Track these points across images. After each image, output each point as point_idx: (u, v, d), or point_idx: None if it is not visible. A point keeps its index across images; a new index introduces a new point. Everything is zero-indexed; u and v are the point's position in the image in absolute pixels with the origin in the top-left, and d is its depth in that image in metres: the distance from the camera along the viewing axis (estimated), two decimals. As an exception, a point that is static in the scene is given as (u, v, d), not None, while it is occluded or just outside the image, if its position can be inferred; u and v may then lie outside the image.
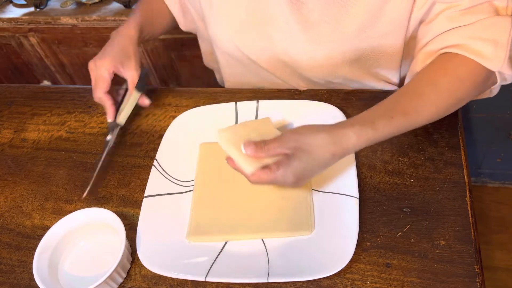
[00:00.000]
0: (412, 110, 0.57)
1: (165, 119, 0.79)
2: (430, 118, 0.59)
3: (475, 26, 0.58)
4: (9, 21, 1.40)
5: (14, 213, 0.70)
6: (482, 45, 0.57)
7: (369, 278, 0.55)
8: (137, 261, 0.60)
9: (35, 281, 0.56)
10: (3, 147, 0.81)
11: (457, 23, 0.59)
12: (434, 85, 0.58)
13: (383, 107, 0.58)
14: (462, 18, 0.59)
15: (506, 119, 1.31)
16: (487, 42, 0.57)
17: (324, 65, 0.73)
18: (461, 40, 0.59)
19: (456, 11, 0.59)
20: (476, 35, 0.58)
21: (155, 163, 0.69)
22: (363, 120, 0.56)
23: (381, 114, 0.56)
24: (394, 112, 0.57)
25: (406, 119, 0.57)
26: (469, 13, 0.58)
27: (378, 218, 0.60)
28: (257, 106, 0.74)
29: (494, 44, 0.57)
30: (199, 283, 0.57)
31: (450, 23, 0.60)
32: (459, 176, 0.62)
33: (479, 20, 0.58)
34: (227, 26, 0.75)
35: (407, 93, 0.59)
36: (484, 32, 0.58)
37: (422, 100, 0.58)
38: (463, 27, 0.59)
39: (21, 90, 0.92)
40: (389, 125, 0.56)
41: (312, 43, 0.70)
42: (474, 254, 0.55)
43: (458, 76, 0.59)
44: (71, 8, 1.38)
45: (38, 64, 1.55)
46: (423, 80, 0.60)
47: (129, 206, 0.68)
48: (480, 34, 0.58)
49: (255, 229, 0.61)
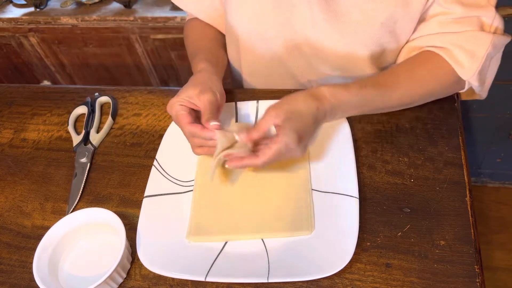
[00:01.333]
0: (384, 86, 0.64)
1: (165, 119, 0.79)
2: (399, 101, 0.66)
3: (460, 35, 0.64)
4: (9, 21, 1.40)
5: (14, 213, 0.70)
6: (461, 54, 0.64)
7: (369, 278, 0.55)
8: (137, 261, 0.60)
9: (35, 281, 0.55)
10: (3, 147, 0.81)
11: (446, 29, 0.65)
12: (410, 72, 0.66)
13: (359, 79, 0.65)
14: (451, 26, 0.65)
15: (506, 119, 1.31)
16: (466, 52, 0.64)
17: (345, 57, 0.73)
18: (445, 44, 0.65)
19: (447, 19, 0.65)
20: (459, 43, 0.64)
21: (155, 163, 0.69)
22: (337, 84, 0.62)
23: (355, 82, 0.63)
24: (367, 82, 0.64)
25: (377, 91, 0.63)
26: (458, 22, 0.64)
27: (378, 218, 0.60)
28: (257, 106, 0.74)
29: (471, 55, 0.64)
30: (199, 283, 0.57)
31: (439, 27, 0.66)
32: (459, 176, 0.62)
33: (465, 31, 0.64)
34: (248, 13, 0.74)
35: (385, 73, 0.66)
36: (466, 42, 0.64)
37: (395, 81, 0.65)
38: (449, 33, 0.65)
39: (21, 90, 0.92)
40: (361, 91, 0.62)
41: (337, 34, 0.70)
42: (474, 254, 0.55)
43: (433, 72, 0.66)
44: (71, 8, 1.38)
45: (38, 64, 1.55)
46: (401, 67, 0.67)
47: (129, 206, 0.68)
48: (462, 44, 0.64)
49: (255, 229, 0.61)
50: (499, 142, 1.40)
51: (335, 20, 0.68)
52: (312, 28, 0.71)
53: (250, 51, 0.79)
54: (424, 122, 0.70)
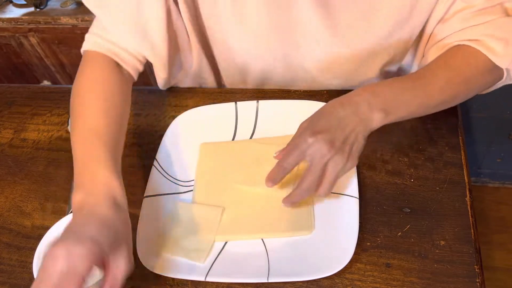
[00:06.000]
0: (423, 78, 0.60)
1: (165, 119, 0.79)
2: (441, 94, 0.60)
3: (488, 25, 0.60)
4: (9, 21, 1.40)
5: (14, 213, 0.70)
6: (494, 42, 0.59)
7: (369, 278, 0.55)
8: (137, 261, 0.60)
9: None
10: (3, 147, 0.81)
11: (471, 23, 0.61)
12: (444, 64, 0.61)
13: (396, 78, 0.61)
14: (475, 18, 0.61)
15: (506, 119, 1.31)
16: (498, 40, 0.59)
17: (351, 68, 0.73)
18: (476, 36, 0.61)
19: (470, 12, 0.61)
20: (489, 32, 0.60)
21: (155, 163, 0.69)
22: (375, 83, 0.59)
23: (395, 78, 0.60)
24: (407, 77, 0.60)
25: (420, 83, 0.59)
26: (482, 14, 0.61)
27: (378, 218, 0.60)
28: (257, 106, 0.74)
29: (505, 42, 0.59)
30: (199, 283, 0.57)
31: (463, 23, 0.62)
32: (459, 176, 0.62)
33: (492, 19, 0.60)
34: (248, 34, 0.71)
35: (418, 71, 0.62)
36: (496, 30, 0.60)
37: (433, 74, 0.60)
38: (476, 25, 0.61)
39: (21, 90, 0.92)
40: (404, 84, 0.58)
41: (343, 48, 0.69)
42: (474, 254, 0.55)
43: (468, 62, 0.61)
44: (71, 8, 1.38)
45: (38, 64, 1.55)
46: (433, 62, 0.62)
47: (129, 206, 0.67)
48: (493, 32, 0.60)
49: (255, 229, 0.61)
50: (499, 142, 1.40)
51: (342, 36, 0.67)
52: (316, 43, 0.69)
53: (245, 66, 0.78)
54: (424, 122, 0.70)
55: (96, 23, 0.69)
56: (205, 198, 0.66)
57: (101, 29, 0.67)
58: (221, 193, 0.66)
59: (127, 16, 0.65)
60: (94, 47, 0.67)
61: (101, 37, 0.67)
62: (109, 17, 0.65)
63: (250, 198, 0.64)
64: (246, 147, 0.70)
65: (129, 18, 0.65)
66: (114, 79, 0.65)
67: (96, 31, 0.68)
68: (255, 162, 0.68)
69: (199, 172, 0.69)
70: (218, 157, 0.70)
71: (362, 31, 0.67)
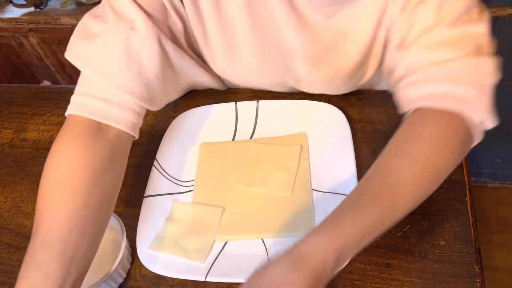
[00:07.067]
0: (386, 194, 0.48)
1: (165, 119, 0.79)
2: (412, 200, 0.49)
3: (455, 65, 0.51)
4: (9, 21, 1.40)
5: (14, 213, 0.70)
6: (463, 90, 0.51)
7: (369, 278, 0.55)
8: (137, 261, 0.60)
9: (35, 281, 0.55)
10: (3, 147, 0.81)
11: (434, 55, 0.52)
12: (406, 155, 0.51)
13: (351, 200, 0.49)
14: (439, 49, 0.52)
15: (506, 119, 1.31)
16: (469, 85, 0.51)
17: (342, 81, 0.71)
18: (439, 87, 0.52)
19: (433, 39, 0.53)
20: (456, 76, 0.51)
21: (155, 163, 0.69)
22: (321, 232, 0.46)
23: (348, 208, 0.47)
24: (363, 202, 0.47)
25: (380, 208, 0.47)
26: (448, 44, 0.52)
27: (378, 218, 0.60)
28: (257, 106, 0.74)
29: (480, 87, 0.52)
30: (199, 283, 0.57)
31: (426, 53, 0.53)
32: (459, 176, 0.62)
33: (459, 57, 0.51)
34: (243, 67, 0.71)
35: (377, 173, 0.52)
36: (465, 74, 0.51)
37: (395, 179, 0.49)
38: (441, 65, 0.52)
39: (21, 90, 0.92)
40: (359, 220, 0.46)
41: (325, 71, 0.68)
42: (474, 254, 0.55)
43: (432, 142, 0.51)
44: (71, 8, 1.38)
45: (38, 64, 1.55)
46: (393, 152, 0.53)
47: (129, 206, 0.68)
48: (461, 76, 0.51)
49: (255, 229, 0.61)
50: (499, 142, 1.40)
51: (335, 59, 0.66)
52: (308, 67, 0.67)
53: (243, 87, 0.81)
54: (424, 122, 0.70)
55: (81, 81, 0.62)
56: (205, 198, 0.66)
57: (85, 85, 0.60)
58: (221, 193, 0.66)
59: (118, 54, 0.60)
60: (76, 111, 0.58)
61: (86, 94, 0.59)
62: (98, 66, 0.59)
63: (250, 198, 0.64)
64: (246, 147, 0.70)
65: (120, 55, 0.60)
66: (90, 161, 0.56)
67: (81, 90, 0.60)
68: (255, 162, 0.68)
69: (199, 172, 0.69)
70: (218, 157, 0.70)
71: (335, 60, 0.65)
